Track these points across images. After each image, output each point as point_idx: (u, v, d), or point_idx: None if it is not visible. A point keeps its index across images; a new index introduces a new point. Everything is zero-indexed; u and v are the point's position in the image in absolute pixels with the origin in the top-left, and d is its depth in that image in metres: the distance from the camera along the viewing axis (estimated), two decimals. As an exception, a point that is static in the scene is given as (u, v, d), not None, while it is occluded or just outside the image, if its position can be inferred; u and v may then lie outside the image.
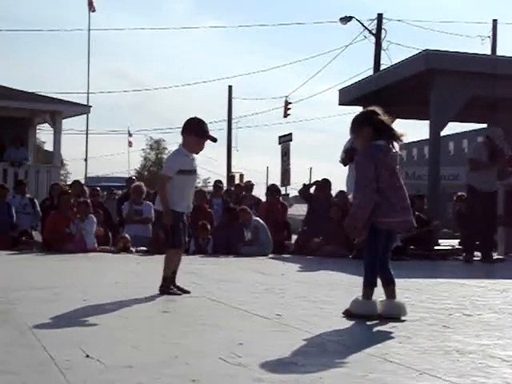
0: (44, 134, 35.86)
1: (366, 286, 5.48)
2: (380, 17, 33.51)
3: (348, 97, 18.39)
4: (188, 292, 6.91)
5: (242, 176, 37.06)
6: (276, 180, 27.42)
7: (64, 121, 22.56)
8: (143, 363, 3.73)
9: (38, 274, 9.26)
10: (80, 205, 13.88)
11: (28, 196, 15.82)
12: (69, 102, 22.99)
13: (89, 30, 32.38)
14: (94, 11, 32.08)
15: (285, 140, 26.74)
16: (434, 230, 14.91)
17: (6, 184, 16.71)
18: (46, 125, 23.48)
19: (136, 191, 15.15)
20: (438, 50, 15.56)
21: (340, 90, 19.36)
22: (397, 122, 17.74)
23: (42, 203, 15.97)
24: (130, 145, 57.08)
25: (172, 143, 65.94)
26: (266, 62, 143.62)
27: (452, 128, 53.05)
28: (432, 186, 15.66)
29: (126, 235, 13.97)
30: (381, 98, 15.87)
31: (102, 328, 4.90)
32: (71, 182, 18.08)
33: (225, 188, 18.73)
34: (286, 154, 26.50)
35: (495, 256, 13.85)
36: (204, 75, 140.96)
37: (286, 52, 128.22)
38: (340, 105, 19.09)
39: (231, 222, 14.47)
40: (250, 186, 18.46)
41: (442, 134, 15.81)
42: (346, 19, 33.51)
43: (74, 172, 59.54)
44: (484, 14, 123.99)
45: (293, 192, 37.01)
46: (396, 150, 5.57)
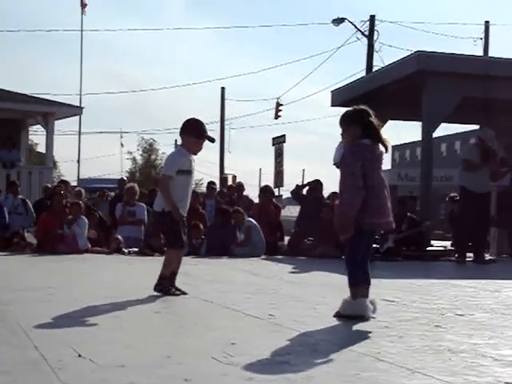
0: (36, 135, 35.79)
1: (353, 286, 5.49)
2: (372, 18, 33.56)
3: (340, 98, 18.40)
4: (185, 293, 6.91)
5: (234, 177, 37.05)
6: (269, 181, 27.45)
7: (56, 122, 22.53)
8: (135, 363, 3.73)
9: (30, 275, 9.25)
10: (72, 206, 13.86)
11: (20, 197, 15.79)
12: (61, 103, 22.96)
13: (81, 31, 32.29)
14: (84, 14, 31.87)
15: (278, 141, 26.74)
16: (426, 231, 14.94)
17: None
18: (39, 126, 23.46)
19: (129, 192, 15.13)
20: (430, 51, 15.59)
21: (332, 92, 19.38)
22: (388, 124, 17.84)
23: (38, 203, 15.95)
24: (122, 145, 57.02)
25: (164, 145, 65.90)
26: (259, 64, 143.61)
27: (444, 129, 53.20)
28: (424, 187, 15.69)
29: (119, 236, 13.96)
30: (373, 100, 15.91)
31: (95, 328, 4.91)
32: (58, 182, 18.12)
33: (218, 189, 18.74)
34: (279, 156, 26.51)
35: (487, 257, 13.88)
36: (197, 76, 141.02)
37: (278, 53, 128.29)
38: (332, 106, 19.09)
39: (224, 223, 14.47)
40: (240, 187, 18.47)
41: (434, 135, 15.85)
42: (338, 21, 33.53)
43: (67, 173, 59.41)
44: (476, 15, 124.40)
45: (286, 193, 37.05)
46: (381, 150, 5.57)
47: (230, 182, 26.77)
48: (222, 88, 46.72)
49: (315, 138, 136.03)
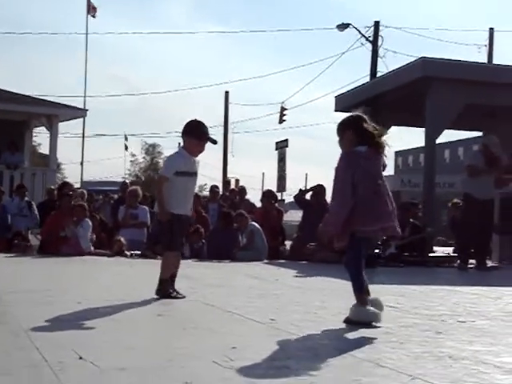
0: (40, 136, 35.81)
1: (360, 293, 5.45)
2: (377, 24, 33.59)
3: (344, 103, 18.41)
4: (183, 296, 6.91)
5: (237, 181, 37.07)
6: (272, 186, 27.44)
7: (61, 124, 22.56)
8: (137, 366, 3.74)
9: (32, 277, 9.26)
10: (76, 208, 13.87)
11: (26, 199, 15.82)
12: (65, 105, 23.00)
13: (86, 34, 32.38)
14: (94, 17, 31.94)
15: (281, 146, 26.76)
16: (428, 238, 14.93)
17: (2, 187, 16.70)
18: (43, 128, 23.49)
19: (132, 195, 15.15)
20: (434, 57, 15.60)
21: (336, 97, 19.42)
22: (392, 130, 17.85)
23: (42, 205, 15.98)
24: (126, 148, 56.93)
25: (168, 148, 65.94)
26: (263, 68, 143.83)
27: (448, 136, 53.16)
28: (427, 193, 15.69)
29: (122, 239, 13.97)
30: (377, 105, 15.97)
31: (96, 330, 4.91)
32: (60, 183, 18.16)
33: (221, 193, 18.75)
34: (282, 160, 26.53)
35: (489, 263, 13.87)
36: (201, 80, 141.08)
37: (282, 58, 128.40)
38: (336, 111, 19.11)
39: (226, 227, 14.47)
40: (242, 191, 18.50)
41: (437, 141, 15.86)
42: (342, 26, 33.57)
43: (71, 176, 59.40)
44: (481, 22, 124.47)
45: (289, 198, 37.05)
46: (379, 156, 5.56)
47: (232, 186, 26.81)
48: (226, 92, 46.77)
49: (319, 143, 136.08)
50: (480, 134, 20.09)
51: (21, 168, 19.82)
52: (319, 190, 15.31)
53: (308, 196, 15.51)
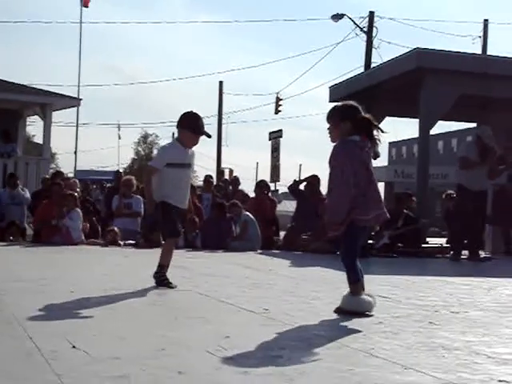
0: (34, 125, 35.77)
1: (354, 283, 5.46)
2: (371, 15, 33.58)
3: (338, 94, 18.36)
4: (175, 286, 6.90)
5: (231, 171, 37.03)
6: (266, 176, 27.45)
7: (54, 113, 22.49)
8: (130, 355, 3.73)
9: (25, 266, 9.25)
10: (66, 197, 13.80)
11: (20, 187, 15.76)
12: (59, 94, 22.93)
13: (80, 23, 32.25)
14: (87, 7, 31.82)
15: (275, 136, 26.77)
16: (422, 229, 14.96)
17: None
18: (37, 117, 23.42)
19: (126, 185, 15.14)
20: (428, 48, 15.59)
21: (330, 87, 19.38)
22: (386, 121, 17.85)
23: (37, 194, 15.93)
24: (119, 138, 56.92)
25: (164, 137, 65.90)
26: (258, 58, 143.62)
27: (441, 127, 53.19)
28: (420, 184, 15.69)
29: (115, 228, 13.96)
30: (371, 96, 15.94)
31: (89, 319, 4.91)
32: (53, 173, 18.11)
33: (214, 183, 18.75)
34: (275, 150, 26.54)
35: (482, 254, 13.91)
36: (195, 70, 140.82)
37: (277, 48, 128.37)
38: (330, 102, 19.04)
39: (220, 217, 14.48)
40: (236, 181, 18.50)
41: (431, 132, 15.85)
42: (337, 17, 33.56)
43: (65, 165, 59.42)
44: (475, 13, 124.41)
45: (282, 188, 37.05)
46: (369, 146, 5.55)
47: (226, 176, 26.78)
48: (220, 82, 46.79)
49: (313, 134, 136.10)
50: (474, 125, 20.09)
51: (14, 157, 19.76)
52: (313, 180, 15.32)
53: (302, 186, 15.53)
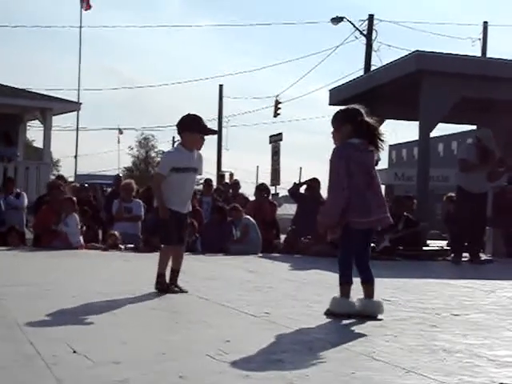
0: (34, 130, 35.81)
1: (341, 284, 5.58)
2: (371, 18, 33.59)
3: (338, 97, 18.39)
4: (186, 291, 6.90)
5: (231, 175, 37.03)
6: (266, 179, 27.45)
7: (55, 117, 22.51)
8: (131, 359, 3.73)
9: (26, 271, 9.24)
10: (63, 202, 13.77)
11: (17, 190, 15.75)
12: (59, 98, 22.95)
13: (80, 27, 32.24)
14: (87, 10, 31.82)
15: (275, 139, 26.77)
16: (422, 231, 14.95)
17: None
18: (37, 122, 23.45)
19: (126, 189, 15.13)
20: (428, 51, 15.59)
21: (330, 91, 19.38)
22: (386, 124, 17.84)
23: (41, 199, 15.91)
24: (119, 142, 56.84)
25: (163, 141, 65.91)
26: (258, 62, 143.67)
27: (441, 129, 53.24)
28: (421, 187, 15.69)
29: (116, 232, 13.95)
30: (371, 99, 15.92)
31: (90, 324, 4.90)
32: (55, 177, 18.11)
33: (215, 187, 18.75)
34: (276, 154, 26.54)
35: (483, 257, 13.90)
36: (195, 73, 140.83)
37: (277, 51, 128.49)
38: (330, 105, 19.06)
39: (220, 221, 14.47)
40: (236, 185, 18.51)
41: (431, 135, 15.84)
42: (337, 20, 33.55)
43: (65, 169, 59.37)
44: (475, 16, 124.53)
45: (283, 191, 37.05)
46: (372, 148, 5.58)
47: (227, 180, 26.78)
48: (220, 85, 46.80)
49: (313, 137, 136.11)
50: (474, 127, 20.10)
51: (14, 161, 19.77)
52: (314, 183, 15.32)
53: (302, 189, 15.53)
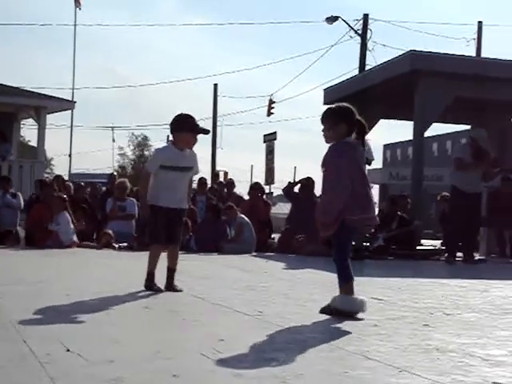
0: (28, 129, 35.74)
1: (346, 282, 5.49)
2: (366, 17, 33.61)
3: (333, 96, 18.38)
4: (180, 290, 6.91)
5: (226, 174, 37.07)
6: (260, 178, 27.44)
7: (49, 116, 22.47)
8: (124, 358, 3.73)
9: (20, 269, 9.23)
10: (53, 201, 13.74)
11: (11, 191, 15.74)
12: (53, 97, 22.91)
13: (75, 26, 32.27)
14: (80, 9, 31.83)
15: (269, 139, 26.75)
16: (416, 230, 14.98)
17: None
18: (31, 120, 23.40)
19: (120, 187, 15.14)
20: (422, 50, 15.62)
21: (325, 90, 19.41)
22: (380, 123, 17.85)
23: (29, 198, 15.89)
24: (113, 140, 56.66)
25: (157, 140, 65.86)
26: (252, 61, 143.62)
27: (436, 129, 53.24)
28: (415, 186, 15.72)
29: (109, 231, 13.94)
30: (366, 98, 15.97)
31: (84, 323, 4.90)
32: (53, 177, 18.06)
33: (209, 185, 18.75)
34: (270, 153, 26.52)
35: (477, 256, 13.93)
36: (190, 73, 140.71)
37: (271, 51, 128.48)
38: (325, 104, 19.04)
39: (214, 220, 14.48)
40: (231, 184, 18.53)
41: (425, 134, 15.88)
42: (331, 19, 33.55)
43: (59, 167, 59.27)
44: (469, 15, 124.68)
45: (277, 191, 37.08)
46: (362, 148, 5.63)
47: (221, 179, 26.76)
48: (215, 85, 46.79)
49: (307, 136, 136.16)
50: (468, 127, 20.13)
51: (8, 160, 19.72)
52: (308, 182, 15.34)
53: (296, 189, 15.54)
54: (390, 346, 4.29)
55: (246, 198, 17.09)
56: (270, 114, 38.34)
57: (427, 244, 16.47)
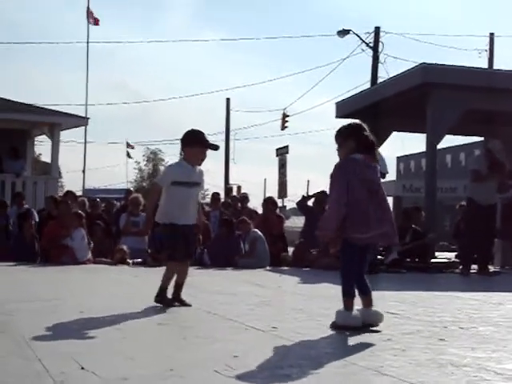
0: (41, 145, 35.88)
1: (344, 297, 5.58)
2: (377, 30, 33.66)
3: (345, 110, 18.42)
4: (189, 305, 6.92)
5: (239, 188, 37.11)
6: (273, 192, 27.45)
7: (62, 132, 22.56)
8: (138, 375, 3.73)
9: (35, 286, 9.26)
10: (70, 217, 13.78)
11: (26, 207, 15.81)
12: (67, 113, 22.99)
13: (87, 43, 32.34)
14: (96, 25, 31.89)
15: (282, 152, 26.80)
16: (430, 243, 14.92)
17: (4, 195, 16.78)
18: (44, 136, 23.49)
19: (133, 203, 15.17)
20: (434, 63, 15.61)
21: (337, 103, 19.40)
22: (393, 135, 17.82)
23: (38, 214, 15.95)
24: (128, 155, 56.44)
25: (170, 155, 65.92)
26: (264, 75, 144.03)
27: (449, 141, 53.17)
28: (429, 198, 15.67)
29: (124, 247, 13.96)
30: (378, 111, 15.98)
31: (98, 340, 4.90)
32: (64, 193, 18.13)
33: (222, 200, 18.75)
34: (282, 166, 26.55)
35: (492, 269, 13.86)
36: (202, 87, 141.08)
37: (283, 64, 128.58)
38: (337, 117, 19.08)
39: (228, 234, 14.48)
40: (245, 199, 18.52)
41: (439, 146, 15.84)
42: (343, 32, 33.63)
43: (72, 184, 59.55)
44: (481, 27, 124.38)
45: (290, 204, 37.08)
46: (374, 164, 5.66)
47: (234, 193, 26.77)
48: (228, 99, 46.92)
49: (320, 149, 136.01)
50: (481, 138, 20.08)
51: (22, 176, 19.82)
52: (321, 196, 15.30)
53: (310, 202, 15.53)
54: (403, 360, 4.28)
55: (260, 211, 17.08)
56: (284, 127, 38.37)
57: (442, 256, 16.39)
